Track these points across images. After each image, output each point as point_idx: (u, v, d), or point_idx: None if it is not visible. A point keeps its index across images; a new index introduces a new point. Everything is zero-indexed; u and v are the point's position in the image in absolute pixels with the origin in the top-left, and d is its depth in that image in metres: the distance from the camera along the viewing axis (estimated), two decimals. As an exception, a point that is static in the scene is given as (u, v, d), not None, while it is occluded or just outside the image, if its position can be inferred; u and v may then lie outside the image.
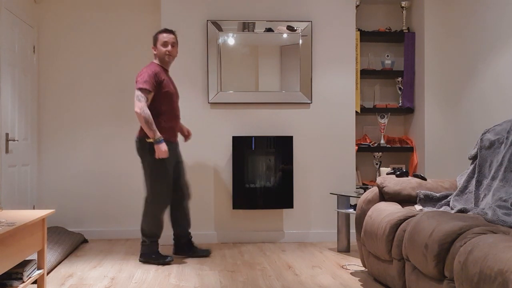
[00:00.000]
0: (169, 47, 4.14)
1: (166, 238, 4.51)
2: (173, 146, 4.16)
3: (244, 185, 4.88)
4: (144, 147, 4.02)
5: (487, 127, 3.64)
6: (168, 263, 4.05)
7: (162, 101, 4.05)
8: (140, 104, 3.91)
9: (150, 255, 4.09)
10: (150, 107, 3.97)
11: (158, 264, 4.03)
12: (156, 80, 4.00)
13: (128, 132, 5.00)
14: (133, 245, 4.79)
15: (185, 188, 4.33)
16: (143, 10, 5.23)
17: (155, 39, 4.17)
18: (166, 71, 4.19)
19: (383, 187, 3.58)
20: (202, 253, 4.32)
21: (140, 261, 4.11)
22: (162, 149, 3.91)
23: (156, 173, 4.04)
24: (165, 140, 3.99)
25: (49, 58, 5.15)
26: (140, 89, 3.94)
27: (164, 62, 4.18)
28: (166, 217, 4.26)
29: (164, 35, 4.15)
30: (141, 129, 4.05)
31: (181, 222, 4.32)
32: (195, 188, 4.92)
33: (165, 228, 4.23)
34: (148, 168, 4.04)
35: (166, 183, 4.10)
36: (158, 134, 3.93)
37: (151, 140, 3.94)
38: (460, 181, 3.56)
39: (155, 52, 4.19)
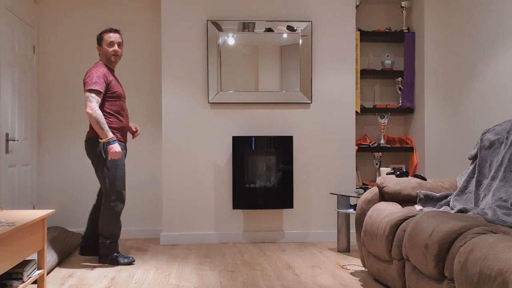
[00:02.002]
0: (115, 47, 4.08)
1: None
2: (124, 146, 4.15)
3: (244, 185, 4.88)
4: (96, 148, 3.97)
5: (487, 127, 3.64)
6: (131, 264, 4.02)
7: (112, 102, 4.02)
8: (92, 105, 3.84)
9: (111, 256, 4.03)
10: (100, 108, 3.93)
11: (120, 265, 3.99)
12: (105, 80, 3.96)
13: (128, 132, 5.00)
14: (133, 245, 4.79)
15: None
16: (143, 10, 5.23)
17: (100, 39, 4.10)
18: (112, 71, 4.14)
19: (383, 187, 3.58)
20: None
21: (99, 262, 4.05)
22: (115, 149, 3.87)
23: (115, 173, 3.99)
24: (117, 140, 3.99)
25: (49, 58, 5.15)
26: (90, 90, 3.88)
27: (110, 63, 4.12)
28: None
29: (110, 34, 4.08)
30: (91, 130, 4.01)
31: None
32: (195, 188, 4.93)
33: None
34: (105, 168, 3.98)
35: (124, 182, 4.07)
36: (111, 135, 3.88)
37: (103, 140, 3.89)
38: (460, 181, 3.56)
39: (99, 52, 4.13)
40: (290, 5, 5.04)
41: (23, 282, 2.79)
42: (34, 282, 3.04)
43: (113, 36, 4.08)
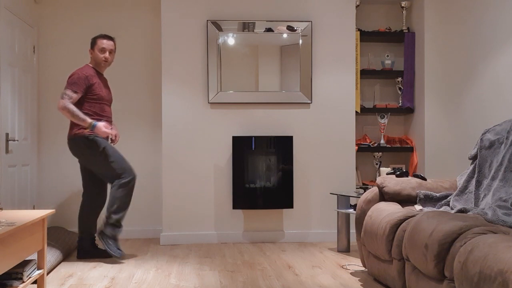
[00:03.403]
0: (107, 54, 4.19)
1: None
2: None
3: (244, 185, 4.88)
4: (79, 144, 4.06)
5: (487, 127, 3.64)
6: (117, 256, 4.08)
7: (92, 103, 4.11)
8: (62, 101, 3.97)
9: (112, 239, 4.09)
10: (80, 109, 4.02)
11: (111, 250, 4.05)
12: (86, 83, 4.05)
13: (127, 132, 5.01)
14: (134, 245, 4.79)
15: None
16: (143, 10, 5.23)
17: (93, 43, 4.22)
18: (100, 74, 4.24)
19: (383, 187, 3.58)
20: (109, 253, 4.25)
21: (100, 235, 4.10)
22: (102, 128, 3.99)
23: (112, 155, 4.06)
24: (93, 134, 4.05)
25: (49, 58, 5.15)
26: (66, 89, 4.02)
27: (99, 67, 4.23)
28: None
29: (104, 41, 4.19)
30: (70, 129, 4.12)
31: (95, 219, 4.29)
32: (195, 187, 4.93)
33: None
34: (97, 158, 4.04)
35: (124, 159, 4.13)
36: (89, 120, 3.99)
37: (87, 127, 3.99)
38: (460, 181, 3.56)
39: (91, 55, 4.23)
40: (290, 5, 5.04)
41: (23, 282, 2.79)
42: (34, 282, 3.04)
43: (105, 43, 4.20)
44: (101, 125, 4.01)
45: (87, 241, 4.25)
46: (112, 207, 4.07)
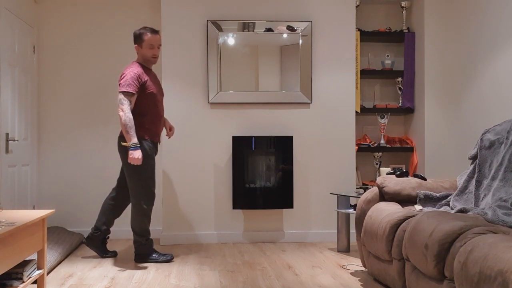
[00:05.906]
0: (155, 50, 4.08)
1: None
2: (155, 145, 4.14)
3: (244, 185, 4.88)
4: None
5: (487, 127, 3.64)
6: (169, 261, 4.06)
7: (146, 102, 3.99)
8: (124, 107, 3.84)
9: (150, 254, 4.09)
10: (135, 108, 3.92)
11: (160, 262, 4.04)
12: (140, 82, 3.93)
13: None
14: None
15: None
16: (143, 10, 5.23)
17: (140, 39, 4.05)
18: (149, 70, 4.13)
19: (383, 187, 3.58)
20: (112, 254, 4.32)
21: (137, 262, 4.09)
22: (135, 155, 3.82)
23: (146, 172, 4.00)
24: (148, 140, 4.00)
25: (49, 58, 5.15)
26: (123, 92, 3.87)
27: (148, 63, 4.11)
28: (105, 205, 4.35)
29: (151, 37, 4.04)
30: None
31: (115, 215, 4.30)
32: (195, 188, 4.93)
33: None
34: (135, 168, 3.95)
35: (153, 181, 4.09)
36: (135, 140, 3.84)
37: (126, 144, 3.87)
38: (460, 181, 3.56)
39: (138, 52, 4.10)
40: (290, 5, 5.04)
41: (23, 282, 2.79)
42: (34, 282, 3.04)
43: (153, 39, 4.05)
44: (138, 153, 3.84)
45: (99, 235, 4.25)
46: (137, 230, 4.07)
